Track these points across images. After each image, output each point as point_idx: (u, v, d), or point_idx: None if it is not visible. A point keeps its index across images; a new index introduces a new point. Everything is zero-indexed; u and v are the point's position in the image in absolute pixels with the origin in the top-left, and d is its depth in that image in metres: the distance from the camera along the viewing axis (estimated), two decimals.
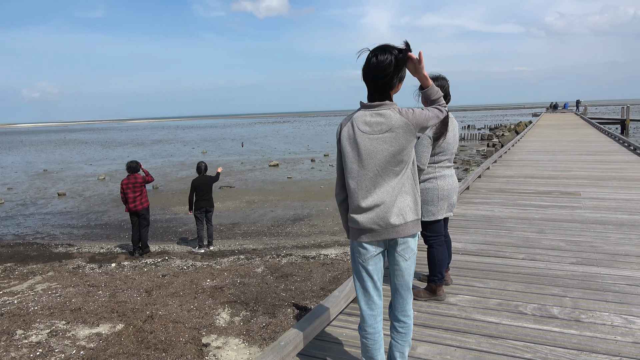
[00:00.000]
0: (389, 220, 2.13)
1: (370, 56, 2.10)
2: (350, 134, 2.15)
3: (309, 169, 22.61)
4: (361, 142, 2.13)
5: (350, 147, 2.15)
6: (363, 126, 2.13)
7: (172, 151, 37.65)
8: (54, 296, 6.15)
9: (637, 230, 5.15)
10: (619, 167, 9.77)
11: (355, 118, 2.16)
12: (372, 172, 2.14)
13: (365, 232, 2.16)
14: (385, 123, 2.11)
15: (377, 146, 2.12)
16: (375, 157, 2.12)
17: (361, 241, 2.18)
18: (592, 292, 3.54)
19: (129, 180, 8.33)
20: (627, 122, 33.77)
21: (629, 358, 2.62)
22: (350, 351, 2.83)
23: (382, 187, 2.14)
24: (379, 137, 2.11)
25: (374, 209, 2.14)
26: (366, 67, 2.12)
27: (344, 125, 2.19)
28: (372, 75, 2.10)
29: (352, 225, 2.21)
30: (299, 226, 11.10)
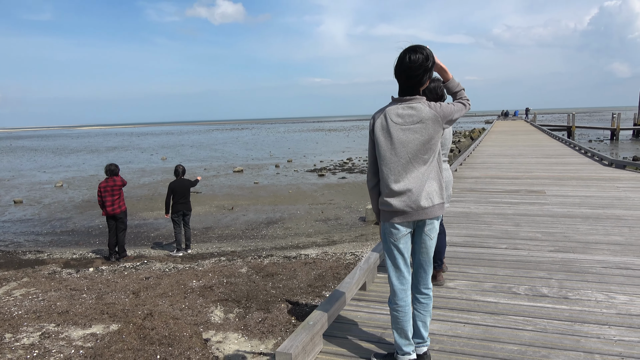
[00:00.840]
0: (420, 203, 2.37)
1: (403, 55, 2.33)
2: (383, 125, 2.37)
3: (274, 175, 22.68)
4: (394, 132, 2.35)
5: (384, 137, 2.37)
6: (395, 118, 2.36)
7: (130, 158, 36.68)
8: (37, 300, 6.00)
9: (601, 222, 5.65)
10: (574, 169, 10.52)
11: (388, 111, 2.38)
12: (404, 159, 2.37)
13: (398, 214, 2.39)
14: (416, 115, 2.35)
15: (408, 136, 2.35)
16: (407, 145, 2.35)
17: (394, 222, 2.40)
18: (573, 274, 3.92)
19: (107, 183, 8.19)
20: (572, 128, 35.90)
21: (616, 326, 2.97)
22: (367, 330, 3.03)
23: (412, 173, 2.38)
24: (410, 127, 2.35)
25: (406, 193, 2.37)
26: (399, 65, 2.35)
27: (377, 117, 2.40)
28: (405, 73, 2.33)
29: (386, 208, 2.43)
30: (274, 229, 11.20)
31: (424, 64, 2.30)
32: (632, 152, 26.07)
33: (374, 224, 11.09)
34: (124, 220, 8.44)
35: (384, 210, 2.46)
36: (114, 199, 8.19)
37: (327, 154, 33.60)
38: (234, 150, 41.69)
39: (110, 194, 8.16)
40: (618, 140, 33.57)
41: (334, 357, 2.74)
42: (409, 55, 2.31)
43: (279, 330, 4.84)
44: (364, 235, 9.98)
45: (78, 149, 53.20)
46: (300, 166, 26.12)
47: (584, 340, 2.82)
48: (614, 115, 35.51)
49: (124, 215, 8.40)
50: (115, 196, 8.21)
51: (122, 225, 8.40)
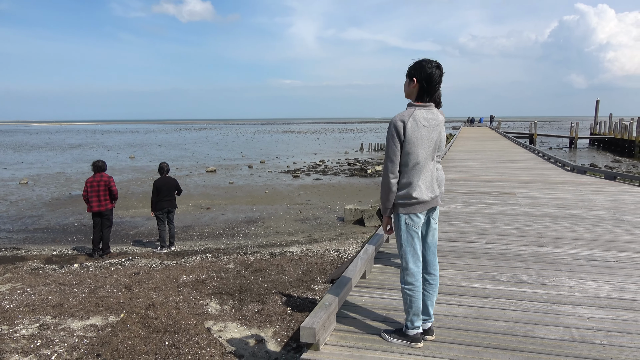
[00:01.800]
0: (435, 193, 2.74)
1: (433, 67, 2.67)
2: (414, 127, 2.69)
3: (248, 175, 22.78)
4: (423, 133, 2.69)
5: (415, 138, 2.69)
6: (423, 121, 2.70)
7: (96, 156, 35.80)
8: (27, 294, 6.03)
9: (568, 220, 6.18)
10: (540, 173, 11.21)
11: (416, 115, 2.70)
12: (429, 156, 2.72)
13: (421, 204, 2.74)
14: (435, 119, 2.72)
15: (431, 136, 2.71)
16: (430, 144, 2.72)
17: (416, 212, 2.74)
18: (548, 264, 4.37)
19: (94, 179, 8.21)
20: (534, 136, 37.54)
21: (587, 306, 3.41)
22: (373, 311, 3.36)
23: (429, 167, 2.74)
24: (433, 129, 2.71)
25: (430, 186, 2.74)
26: (429, 75, 2.68)
27: (407, 120, 2.69)
28: (433, 83, 2.68)
29: (409, 201, 2.73)
30: (254, 228, 11.40)
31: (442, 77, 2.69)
32: (589, 160, 27.58)
33: (352, 224, 11.45)
34: (110, 218, 8.47)
35: (407, 202, 2.76)
36: (100, 195, 8.21)
37: (299, 156, 33.88)
38: (204, 150, 41.38)
39: (96, 190, 8.17)
40: (576, 148, 35.35)
41: (347, 334, 3.04)
42: (439, 70, 2.68)
43: (276, 319, 5.10)
44: (344, 234, 10.32)
45: (39, 145, 51.49)
46: (273, 167, 26.29)
47: (562, 317, 3.23)
48: (572, 124, 37.36)
49: (109, 212, 8.43)
50: (102, 193, 8.23)
51: (108, 222, 8.44)
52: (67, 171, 25.27)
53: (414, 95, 2.76)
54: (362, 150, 39.07)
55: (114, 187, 8.34)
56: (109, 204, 8.36)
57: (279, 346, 4.47)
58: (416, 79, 2.72)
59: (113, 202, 8.48)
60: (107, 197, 8.33)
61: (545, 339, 2.93)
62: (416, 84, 2.73)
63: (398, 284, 3.67)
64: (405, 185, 2.76)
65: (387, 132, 2.76)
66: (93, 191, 8.16)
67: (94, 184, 8.18)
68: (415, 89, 2.74)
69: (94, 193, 8.17)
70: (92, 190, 8.17)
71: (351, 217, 11.85)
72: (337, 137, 65.76)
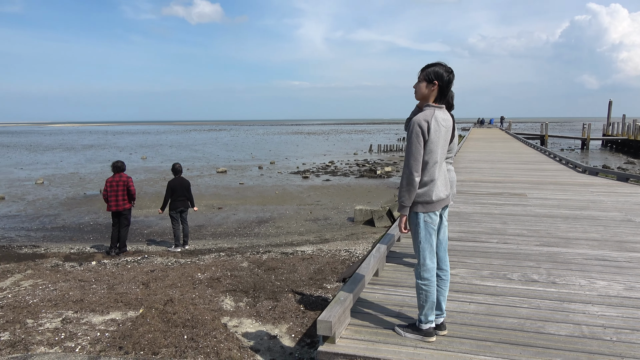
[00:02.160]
0: (449, 191, 2.86)
1: (448, 72, 2.78)
2: (436, 128, 2.79)
3: (258, 176, 22.96)
4: (442, 134, 2.80)
5: (436, 138, 2.79)
6: (442, 122, 2.81)
7: (109, 156, 36.32)
8: (49, 290, 6.21)
9: (579, 221, 6.23)
10: (551, 174, 11.21)
11: (436, 115, 2.80)
12: (444, 155, 2.84)
13: (440, 202, 2.85)
14: (449, 120, 2.85)
15: (447, 137, 2.83)
16: (445, 144, 2.84)
17: (435, 210, 2.84)
18: (558, 264, 4.44)
19: (113, 178, 8.44)
20: (545, 137, 37.30)
21: (598, 304, 3.48)
22: (386, 307, 3.47)
23: (444, 167, 2.86)
24: (448, 130, 2.83)
25: (445, 185, 2.85)
26: (447, 79, 2.78)
27: (431, 121, 2.78)
28: (448, 86, 2.79)
29: (430, 199, 2.83)
30: (266, 228, 11.54)
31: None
32: (602, 161, 27.38)
33: (362, 224, 11.54)
34: (128, 217, 8.66)
35: (427, 201, 2.84)
36: (118, 195, 8.41)
37: (308, 157, 34.02)
38: (214, 151, 41.71)
39: (115, 190, 8.38)
40: (588, 150, 35.07)
41: (361, 328, 3.15)
42: (452, 75, 2.82)
43: (289, 316, 5.21)
44: (354, 234, 10.41)
45: (53, 146, 52.24)
46: (283, 168, 26.45)
47: (572, 315, 3.31)
48: (584, 125, 37.08)
49: (127, 212, 8.62)
50: (120, 193, 8.43)
51: (125, 222, 8.63)
52: (81, 171, 25.65)
53: (432, 97, 2.85)
54: (371, 152, 39.12)
55: (132, 188, 8.53)
56: (126, 204, 8.55)
57: (293, 342, 4.58)
58: (437, 83, 2.81)
59: (131, 202, 8.67)
60: (126, 197, 8.52)
61: (556, 335, 3.01)
62: (437, 87, 2.82)
63: (410, 281, 3.79)
64: (425, 184, 2.83)
65: (409, 131, 2.82)
66: (112, 191, 8.37)
67: (113, 183, 8.39)
68: (434, 91, 2.83)
69: (113, 193, 8.37)
70: (111, 190, 8.38)
71: (361, 217, 11.94)
72: (345, 138, 65.85)
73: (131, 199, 8.61)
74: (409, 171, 2.81)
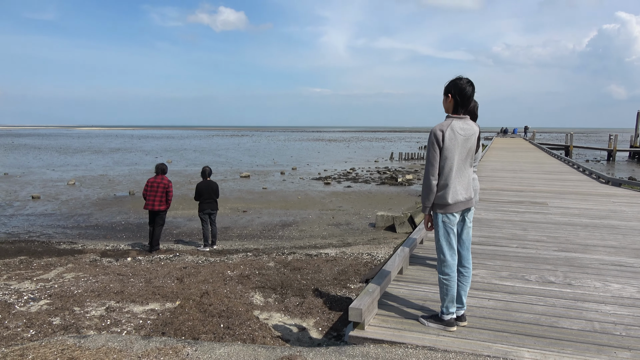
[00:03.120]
0: (470, 195, 3.12)
1: (465, 84, 3.07)
2: (451, 136, 3.09)
3: (281, 181, 23.37)
4: (460, 142, 3.09)
5: (452, 145, 3.09)
6: (460, 130, 3.10)
7: (135, 160, 37.36)
8: (91, 282, 6.66)
9: (598, 230, 6.39)
10: (573, 184, 11.29)
11: (453, 125, 3.10)
12: (464, 162, 3.12)
13: (458, 204, 3.12)
14: (470, 129, 3.11)
15: (467, 144, 3.10)
16: (464, 151, 3.11)
17: (453, 212, 3.13)
18: (575, 268, 4.65)
19: (155, 179, 8.97)
20: (570, 148, 36.85)
21: (610, 304, 3.70)
22: (410, 301, 3.75)
23: (466, 173, 3.14)
24: (468, 138, 3.10)
25: (466, 188, 3.12)
26: (462, 90, 3.08)
27: (445, 130, 3.09)
28: (469, 98, 3.08)
29: (447, 202, 3.12)
30: (289, 231, 11.89)
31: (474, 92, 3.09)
32: (628, 173, 26.97)
33: (383, 230, 11.79)
34: (163, 217, 9.14)
35: (444, 203, 3.15)
36: (156, 195, 8.91)
37: (330, 164, 34.35)
38: (237, 156, 42.43)
39: (154, 190, 8.89)
40: (615, 161, 34.52)
41: (388, 318, 3.44)
42: (470, 86, 3.09)
43: (316, 312, 5.52)
44: (376, 239, 10.66)
45: (81, 149, 53.83)
46: (305, 174, 26.83)
47: (585, 312, 3.54)
48: (611, 136, 36.51)
49: (163, 213, 9.10)
50: (159, 194, 8.92)
51: (160, 221, 9.10)
52: (110, 173, 26.50)
53: (450, 109, 3.16)
54: (392, 159, 39.25)
55: (170, 192, 9.03)
56: (162, 205, 9.00)
57: (321, 334, 4.88)
58: (451, 95, 3.12)
59: (167, 204, 9.14)
60: (163, 198, 9.00)
61: (568, 329, 3.25)
62: (451, 99, 3.13)
63: (433, 279, 4.07)
64: (442, 187, 3.14)
65: (428, 140, 3.17)
66: (152, 191, 8.89)
67: (154, 184, 8.90)
68: (451, 103, 3.14)
69: (152, 193, 8.89)
70: (151, 190, 8.89)
71: (383, 223, 12.18)
72: (366, 145, 66.04)
73: (167, 201, 9.07)
74: (426, 176, 3.16)
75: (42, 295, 6.06)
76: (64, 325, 4.94)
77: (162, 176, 9.03)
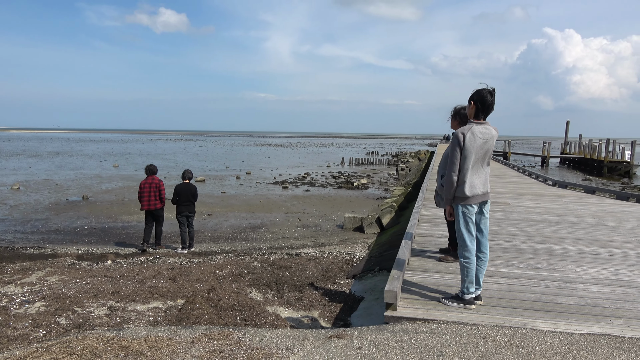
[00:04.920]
0: (487, 189, 3.58)
1: (488, 94, 3.51)
2: (471, 139, 3.53)
3: (238, 185, 23.35)
4: (479, 143, 3.53)
5: (471, 146, 3.53)
6: (479, 134, 3.54)
7: (78, 164, 35.78)
8: (81, 284, 6.57)
9: (562, 225, 7.16)
10: (526, 187, 12.30)
11: (473, 129, 3.54)
12: (482, 162, 3.56)
13: (476, 197, 3.56)
14: (488, 133, 3.56)
15: (486, 146, 3.55)
16: (485, 152, 3.55)
17: (472, 203, 3.56)
18: (554, 256, 5.27)
19: (146, 181, 9.17)
20: (508, 154, 39.34)
21: (593, 284, 4.30)
22: (426, 285, 4.16)
23: (484, 171, 3.59)
24: (487, 141, 3.55)
25: (483, 184, 3.57)
26: (483, 98, 3.52)
27: (466, 133, 3.53)
28: (489, 106, 3.52)
29: (466, 194, 3.56)
30: (260, 233, 12.06)
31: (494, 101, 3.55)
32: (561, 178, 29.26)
33: (352, 231, 12.23)
34: (161, 215, 9.40)
35: (464, 196, 3.58)
36: (151, 196, 9.06)
37: (283, 168, 34.55)
38: (186, 161, 41.68)
39: (147, 191, 9.07)
40: (548, 167, 37.23)
41: (412, 300, 3.82)
42: (494, 94, 3.52)
43: (317, 304, 5.81)
44: (348, 239, 11.08)
45: (15, 152, 50.70)
46: (260, 178, 26.91)
47: (575, 291, 4.10)
48: (544, 144, 39.35)
49: (160, 211, 9.33)
50: (152, 194, 9.09)
51: (160, 219, 9.40)
52: (55, 178, 25.29)
53: (472, 114, 3.62)
54: (343, 164, 40.04)
55: (162, 190, 9.26)
56: (158, 204, 9.22)
57: (329, 323, 5.19)
58: (473, 102, 3.58)
59: (162, 203, 9.33)
60: (157, 197, 9.23)
61: (567, 304, 3.78)
62: (473, 105, 3.59)
63: (437, 268, 4.53)
64: (462, 182, 3.60)
65: (450, 141, 3.61)
66: (145, 191, 9.10)
67: (146, 185, 9.11)
68: (473, 109, 3.60)
69: (146, 193, 9.12)
70: (144, 191, 9.07)
71: (350, 224, 12.63)
72: (315, 151, 66.78)
73: (161, 199, 9.24)
74: (449, 172, 3.61)
75: (34, 297, 5.94)
76: (75, 324, 4.93)
77: (152, 177, 9.22)
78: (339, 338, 3.26)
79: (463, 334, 3.22)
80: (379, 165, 40.25)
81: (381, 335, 3.27)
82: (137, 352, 3.19)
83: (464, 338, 3.16)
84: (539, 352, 2.93)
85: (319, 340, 3.26)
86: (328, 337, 3.30)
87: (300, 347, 3.17)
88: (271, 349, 3.14)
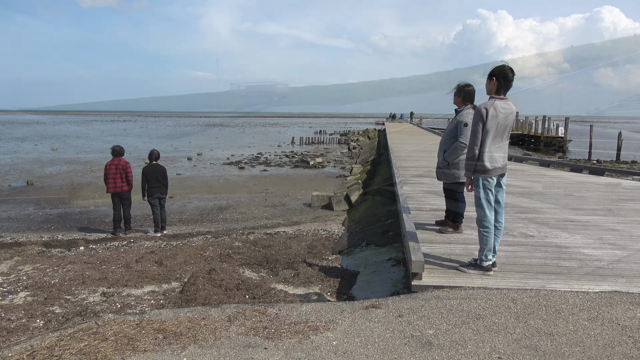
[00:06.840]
0: (505, 163, 3.77)
1: (509, 69, 3.66)
2: (493, 114, 3.68)
3: (192, 167, 22.78)
4: (501, 118, 3.68)
5: (493, 121, 3.67)
6: (501, 109, 3.69)
7: (11, 148, 33.37)
8: (63, 272, 6.24)
9: (534, 196, 7.65)
10: None
11: (496, 104, 3.69)
12: (502, 136, 3.73)
13: (497, 170, 3.73)
14: (509, 108, 3.73)
15: (506, 121, 3.72)
16: (505, 127, 3.72)
17: (492, 175, 3.73)
18: (540, 224, 5.64)
19: (112, 162, 8.72)
20: None
21: (585, 248, 4.67)
22: (440, 255, 4.34)
23: (503, 144, 3.77)
24: (507, 116, 3.72)
25: (502, 157, 3.75)
26: (508, 76, 3.66)
27: (489, 108, 3.68)
28: (510, 82, 3.67)
29: (487, 167, 3.72)
30: (229, 214, 11.90)
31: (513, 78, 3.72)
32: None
33: (320, 209, 12.34)
34: (129, 197, 9.00)
35: (485, 169, 3.75)
36: (117, 177, 8.66)
37: (233, 149, 33.97)
38: (130, 142, 39.85)
39: (113, 173, 8.63)
40: None
41: (432, 270, 3.98)
42: (512, 73, 3.68)
43: (315, 280, 5.87)
44: (320, 217, 11.19)
45: None
46: (213, 159, 26.36)
47: (573, 255, 4.44)
48: None
49: (127, 193, 8.93)
50: (119, 176, 8.69)
51: (127, 202, 8.99)
52: None
53: (494, 90, 3.77)
54: (294, 144, 39.99)
55: (130, 172, 8.91)
56: (124, 186, 8.75)
57: (333, 297, 5.28)
58: (495, 78, 3.73)
59: (129, 185, 8.93)
60: (124, 179, 8.83)
61: (571, 267, 4.10)
62: (495, 81, 3.73)
63: (442, 239, 4.73)
64: (482, 155, 3.75)
65: (473, 116, 3.75)
66: (111, 173, 8.68)
67: (112, 167, 8.68)
68: (494, 85, 3.75)
69: (112, 175, 8.67)
70: (110, 172, 8.66)
71: (318, 202, 12.74)
72: (262, 130, 66.05)
73: (128, 182, 8.86)
74: (471, 145, 3.75)
75: (15, 288, 5.59)
76: (74, 312, 4.70)
77: (119, 158, 8.77)
78: (376, 308, 3.36)
79: (492, 297, 3.42)
80: (329, 144, 40.55)
81: (416, 303, 3.40)
82: (176, 333, 3.12)
83: (494, 301, 3.35)
84: (567, 310, 3.17)
85: (358, 312, 3.34)
86: (365, 308, 3.39)
87: (342, 318, 3.24)
88: (314, 322, 3.18)
